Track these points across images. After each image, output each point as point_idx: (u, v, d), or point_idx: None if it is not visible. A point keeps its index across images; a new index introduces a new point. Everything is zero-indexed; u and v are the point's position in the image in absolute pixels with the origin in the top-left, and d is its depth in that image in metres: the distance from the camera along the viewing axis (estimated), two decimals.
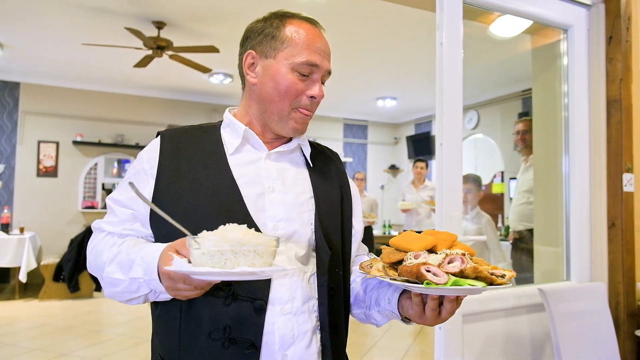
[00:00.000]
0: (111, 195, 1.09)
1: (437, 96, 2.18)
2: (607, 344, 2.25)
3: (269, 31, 1.10)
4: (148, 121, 7.93)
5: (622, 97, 2.51)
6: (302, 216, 1.07)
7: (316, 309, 1.04)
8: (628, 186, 2.49)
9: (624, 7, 2.55)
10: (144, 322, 5.33)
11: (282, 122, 1.08)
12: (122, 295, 0.98)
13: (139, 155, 1.12)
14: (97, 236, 1.07)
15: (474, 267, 0.86)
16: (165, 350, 1.04)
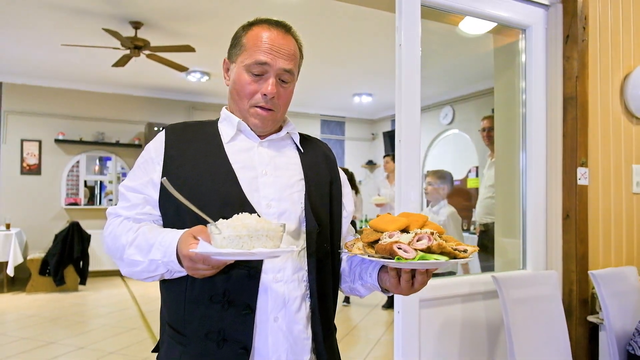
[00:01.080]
0: (123, 183, 1.21)
1: (397, 96, 2.26)
2: (557, 328, 2.37)
3: (236, 39, 1.25)
4: (128, 119, 8.03)
5: (577, 94, 2.62)
6: (292, 196, 1.19)
7: (305, 279, 1.17)
8: (582, 180, 2.60)
9: (581, 7, 2.65)
10: (125, 313, 5.49)
11: (246, 119, 1.22)
12: (141, 274, 1.10)
13: (146, 147, 1.24)
14: (114, 221, 1.18)
15: (439, 244, 0.98)
16: (172, 318, 1.17)
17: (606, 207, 2.74)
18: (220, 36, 5.38)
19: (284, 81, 1.20)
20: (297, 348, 1.15)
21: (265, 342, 1.11)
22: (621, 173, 2.84)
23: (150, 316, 5.35)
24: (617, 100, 2.87)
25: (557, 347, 2.34)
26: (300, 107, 9.08)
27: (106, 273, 7.72)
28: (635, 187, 2.90)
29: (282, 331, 1.13)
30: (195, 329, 1.11)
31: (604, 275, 2.45)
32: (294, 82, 1.24)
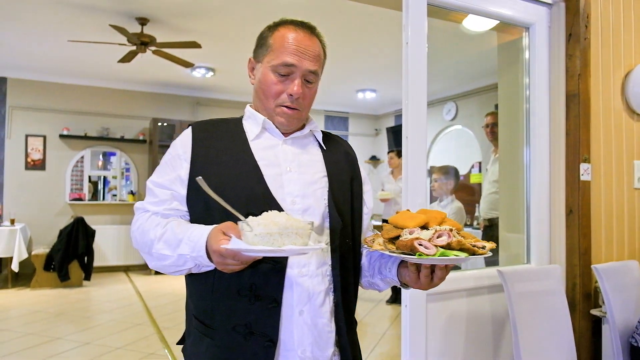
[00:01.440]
0: (151, 179, 1.25)
1: (403, 93, 2.31)
2: (561, 321, 2.42)
3: (262, 39, 1.27)
4: (132, 115, 8.06)
5: (580, 92, 2.66)
6: (316, 193, 1.23)
7: (329, 273, 1.20)
8: (585, 175, 2.65)
9: (583, 6, 2.69)
10: (130, 309, 5.52)
11: (271, 117, 1.25)
12: (169, 268, 1.13)
13: (173, 143, 1.28)
14: (142, 216, 1.21)
15: (459, 240, 1.02)
16: (199, 310, 1.20)
17: (608, 202, 2.79)
18: (226, 32, 5.43)
19: (309, 81, 1.23)
20: (322, 341, 1.18)
21: (291, 335, 1.14)
22: (623, 169, 2.89)
23: (156, 312, 5.38)
24: (619, 98, 2.91)
25: (561, 340, 2.39)
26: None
27: (111, 269, 7.77)
28: (637, 183, 2.94)
29: (307, 324, 1.16)
30: (222, 321, 1.15)
31: (606, 269, 2.49)
32: (318, 82, 1.27)
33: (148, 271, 7.75)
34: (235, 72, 7.19)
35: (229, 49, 6.01)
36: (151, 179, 1.25)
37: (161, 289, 6.65)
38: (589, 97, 2.70)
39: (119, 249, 7.81)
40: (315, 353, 1.17)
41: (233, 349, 1.13)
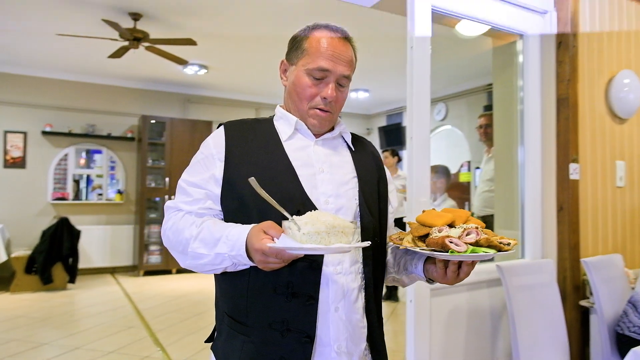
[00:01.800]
0: (183, 178, 1.26)
1: (408, 96, 2.43)
2: (555, 312, 2.58)
3: (296, 42, 1.29)
4: (120, 111, 7.92)
5: (569, 96, 2.83)
6: (347, 193, 1.26)
7: (361, 271, 1.24)
8: (574, 174, 2.82)
9: (572, 16, 2.86)
10: (120, 312, 5.41)
11: (304, 119, 1.29)
12: (205, 266, 1.15)
13: (205, 142, 1.29)
14: (176, 215, 1.22)
15: (487, 238, 1.08)
16: (233, 308, 1.22)
17: (595, 200, 2.97)
18: (220, 30, 5.43)
19: (341, 85, 1.27)
20: (356, 336, 1.22)
21: (327, 331, 1.18)
22: (607, 169, 3.07)
23: (147, 314, 5.29)
24: (602, 102, 3.09)
25: (554, 330, 2.55)
26: None
27: (96, 270, 7.60)
28: (619, 182, 3.13)
29: (342, 320, 1.19)
30: (259, 319, 1.17)
31: (594, 262, 2.66)
32: (349, 86, 1.31)
33: (136, 272, 7.65)
34: (229, 70, 7.18)
35: (223, 46, 6.02)
36: (184, 179, 1.25)
37: (151, 290, 6.52)
38: (577, 101, 2.87)
39: (104, 250, 7.68)
40: (350, 348, 1.20)
41: (270, 345, 1.15)
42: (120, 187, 7.99)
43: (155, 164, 7.82)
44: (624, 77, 3.13)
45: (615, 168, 3.12)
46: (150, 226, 7.73)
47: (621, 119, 3.18)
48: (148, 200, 7.75)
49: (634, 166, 3.25)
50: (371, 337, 1.27)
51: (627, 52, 3.25)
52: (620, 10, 3.22)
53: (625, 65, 3.21)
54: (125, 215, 7.98)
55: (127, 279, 7.36)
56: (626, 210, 3.17)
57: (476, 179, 5.88)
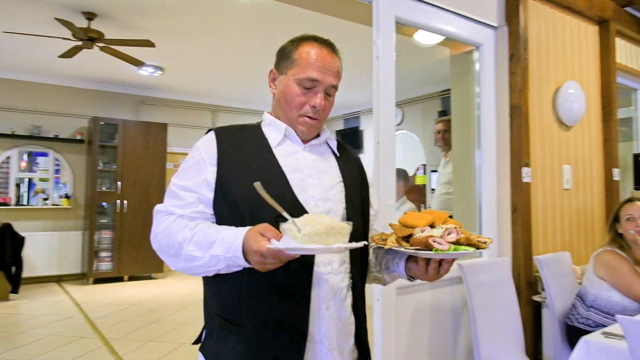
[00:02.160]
0: (175, 183, 1.28)
1: (374, 102, 2.53)
2: (511, 307, 2.75)
3: (286, 52, 1.35)
4: (69, 112, 7.62)
5: (521, 105, 3.02)
6: (335, 196, 1.32)
7: (349, 270, 1.30)
8: (526, 178, 3.01)
9: (523, 30, 3.06)
10: (70, 322, 5.20)
11: (293, 126, 1.34)
12: (199, 269, 1.18)
13: (195, 147, 1.31)
14: (167, 218, 1.24)
15: (466, 237, 1.15)
16: (225, 309, 1.25)
17: (544, 201, 3.18)
18: (177, 31, 5.37)
19: (329, 94, 1.33)
20: (345, 333, 1.28)
21: (319, 329, 1.23)
22: (555, 172, 3.30)
23: (100, 323, 5.12)
24: (550, 110, 3.33)
25: (510, 324, 2.72)
26: (254, 105, 9.11)
27: (41, 279, 7.25)
28: (565, 184, 3.37)
29: (333, 318, 1.24)
30: (252, 319, 1.20)
31: (545, 260, 2.86)
32: (335, 95, 1.37)
33: (84, 280, 7.38)
34: (185, 71, 7.07)
35: (180, 47, 5.95)
36: (175, 183, 1.28)
37: (101, 299, 6.30)
38: (528, 110, 3.07)
39: (50, 258, 7.33)
40: (340, 344, 1.26)
41: (264, 344, 1.19)
42: (67, 191, 7.68)
43: (106, 167, 7.57)
44: (569, 88, 3.38)
45: (562, 171, 3.36)
46: (101, 232, 7.46)
47: (567, 126, 3.43)
48: (98, 205, 7.50)
49: (579, 170, 3.50)
50: (358, 333, 1.32)
51: (572, 64, 3.51)
52: (563, 26, 3.47)
53: (570, 77, 3.46)
54: (73, 220, 7.68)
55: (76, 287, 7.07)
56: (572, 210, 3.41)
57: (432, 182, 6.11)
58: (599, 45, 3.78)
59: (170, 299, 6.34)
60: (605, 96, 3.77)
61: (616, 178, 3.76)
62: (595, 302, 2.61)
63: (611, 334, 1.99)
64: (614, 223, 2.74)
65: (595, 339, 1.99)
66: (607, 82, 3.76)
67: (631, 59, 4.31)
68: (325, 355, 1.24)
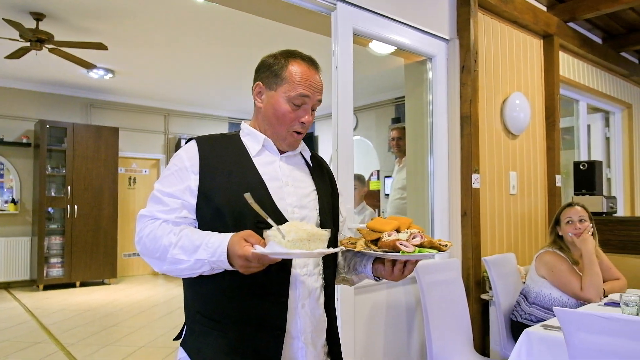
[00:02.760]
0: (158, 189, 1.33)
1: (333, 111, 2.62)
2: (460, 305, 2.90)
3: (274, 69, 1.40)
4: (14, 115, 7.36)
5: (471, 114, 3.20)
6: (309, 204, 1.42)
7: (322, 272, 1.40)
8: (475, 184, 3.19)
9: (473, 43, 3.24)
10: (23, 328, 5.10)
11: (280, 140, 1.42)
12: (183, 271, 1.24)
13: (177, 156, 1.37)
14: (153, 223, 1.29)
15: (429, 240, 1.27)
16: (207, 308, 1.33)
17: (492, 206, 3.37)
18: (128, 35, 5.31)
19: (313, 110, 1.42)
20: (318, 329, 1.39)
21: (296, 325, 1.33)
22: (502, 178, 3.50)
23: (54, 329, 5.01)
24: (498, 120, 3.53)
25: (460, 321, 2.87)
26: (209, 109, 9.08)
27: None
28: (512, 190, 3.58)
29: (308, 315, 1.34)
30: (234, 317, 1.29)
31: (492, 260, 3.03)
32: None
33: (34, 287, 7.17)
34: (136, 75, 6.98)
35: (131, 51, 5.88)
36: (159, 189, 1.33)
37: (54, 305, 6.17)
38: (478, 119, 3.25)
39: None
40: (314, 339, 1.37)
41: (245, 340, 1.28)
42: (13, 196, 7.40)
43: (55, 171, 7.38)
44: (515, 99, 3.60)
45: (509, 178, 3.56)
46: (51, 237, 7.27)
47: (513, 134, 3.64)
48: (47, 210, 7.28)
49: (524, 176, 3.72)
50: (330, 330, 1.44)
51: (518, 76, 3.73)
52: (511, 40, 3.69)
53: (517, 88, 3.69)
54: (21, 226, 7.42)
55: (25, 294, 6.87)
56: (518, 214, 3.63)
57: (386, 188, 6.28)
58: (544, 58, 4.03)
59: (124, 304, 6.28)
60: (549, 107, 4.01)
61: (558, 184, 4.01)
62: (537, 299, 2.79)
63: (550, 326, 2.15)
64: (555, 226, 2.92)
65: (536, 331, 2.15)
66: (551, 94, 4.01)
67: (574, 72, 4.61)
68: (300, 349, 1.34)
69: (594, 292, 2.60)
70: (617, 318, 1.65)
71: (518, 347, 2.14)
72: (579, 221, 2.80)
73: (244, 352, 1.29)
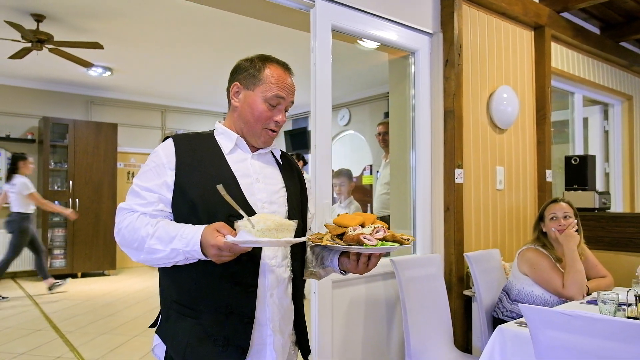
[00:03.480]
0: (137, 184, 1.40)
1: (312, 108, 2.63)
2: (441, 301, 2.90)
3: (252, 71, 1.49)
4: (19, 112, 7.56)
5: (455, 109, 3.18)
6: (278, 200, 1.49)
7: (290, 264, 1.48)
8: (459, 179, 3.17)
9: (457, 37, 3.21)
10: (26, 315, 5.31)
11: (255, 138, 1.50)
12: (159, 260, 1.32)
13: (155, 153, 1.44)
14: (131, 215, 1.36)
15: (392, 234, 1.35)
16: (183, 296, 1.40)
17: (477, 201, 3.36)
18: (125, 34, 5.40)
19: (286, 110, 1.52)
20: (286, 318, 1.47)
21: (264, 313, 1.41)
22: (488, 173, 3.48)
23: (55, 317, 5.20)
24: (485, 114, 3.50)
25: (440, 317, 2.87)
26: (205, 105, 9.20)
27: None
28: (498, 185, 3.56)
29: (276, 304, 1.43)
30: (206, 304, 1.37)
31: (475, 256, 3.02)
32: None
33: (38, 277, 7.29)
34: (134, 72, 7.08)
35: (129, 49, 5.96)
36: (137, 184, 1.41)
37: (56, 294, 6.41)
38: (462, 113, 3.23)
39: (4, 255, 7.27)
40: (282, 327, 1.45)
41: (216, 326, 1.36)
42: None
43: (57, 166, 7.57)
44: (503, 92, 3.56)
45: (495, 173, 3.54)
46: (54, 229, 7.50)
47: (501, 129, 3.61)
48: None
49: (512, 171, 3.70)
50: (297, 319, 1.53)
51: (506, 69, 3.69)
52: (498, 32, 3.65)
53: (504, 82, 3.65)
54: None
55: (31, 283, 7.12)
56: (505, 210, 3.61)
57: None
58: (534, 50, 3.97)
59: (122, 295, 6.48)
60: (540, 100, 3.96)
61: (549, 179, 3.97)
62: (519, 296, 2.78)
63: (524, 323, 2.15)
64: (539, 222, 2.90)
65: (510, 327, 2.16)
66: (542, 86, 3.95)
67: (567, 63, 4.55)
68: (269, 336, 1.42)
69: (576, 289, 2.58)
70: (579, 315, 1.65)
71: (491, 343, 2.15)
72: (563, 217, 2.78)
73: (215, 338, 1.36)
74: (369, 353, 2.84)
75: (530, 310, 1.79)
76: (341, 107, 8.00)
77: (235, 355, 1.36)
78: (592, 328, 1.63)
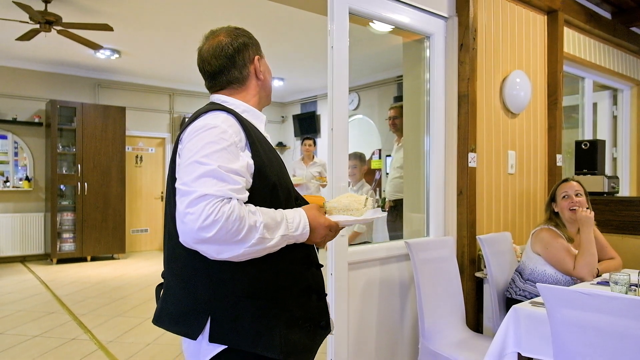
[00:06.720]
0: (221, 165, 1.17)
1: (329, 91, 2.65)
2: (453, 283, 2.95)
3: (254, 40, 1.52)
4: (26, 95, 7.54)
5: (469, 93, 3.19)
6: None
7: None
8: (472, 163, 3.20)
9: (472, 21, 3.22)
10: (38, 299, 5.35)
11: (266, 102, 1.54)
12: (263, 251, 1.21)
13: (220, 130, 1.22)
14: (227, 204, 1.14)
15: None
16: (258, 287, 1.26)
17: (489, 185, 3.39)
18: (134, 15, 5.36)
19: None
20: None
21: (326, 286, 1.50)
22: (500, 157, 3.51)
23: (67, 300, 5.27)
24: (498, 98, 3.52)
25: (453, 298, 2.92)
26: None
27: (6, 259, 7.35)
28: (510, 169, 3.59)
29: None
30: (291, 289, 1.33)
31: (487, 239, 3.06)
32: None
33: (48, 261, 7.45)
34: (142, 55, 7.07)
35: (137, 31, 5.94)
36: (221, 165, 1.17)
37: (67, 277, 6.46)
38: (476, 98, 3.25)
39: (14, 239, 7.39)
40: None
41: (302, 308, 1.35)
42: (27, 173, 7.60)
43: (65, 150, 7.55)
44: (516, 77, 3.57)
45: (507, 157, 3.57)
46: (63, 213, 7.50)
47: (513, 113, 3.63)
48: (59, 187, 7.49)
49: (523, 155, 3.72)
50: None
51: (519, 54, 3.70)
52: (512, 16, 3.64)
53: (517, 66, 3.66)
54: (35, 202, 7.65)
55: (40, 267, 7.17)
56: (516, 194, 3.64)
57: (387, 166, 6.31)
58: (547, 35, 3.96)
59: (132, 278, 6.53)
60: (552, 85, 3.96)
61: (559, 163, 4.00)
62: (531, 276, 2.83)
63: (538, 303, 2.20)
64: (551, 202, 2.94)
65: (524, 307, 2.20)
66: (554, 71, 3.96)
67: (579, 49, 4.54)
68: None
69: (587, 271, 2.62)
70: (598, 294, 1.69)
71: (505, 322, 2.20)
72: (575, 195, 2.82)
73: (304, 321, 1.35)
74: (384, 333, 2.90)
75: (548, 289, 1.83)
76: (350, 92, 7.97)
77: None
78: (608, 305, 1.68)
